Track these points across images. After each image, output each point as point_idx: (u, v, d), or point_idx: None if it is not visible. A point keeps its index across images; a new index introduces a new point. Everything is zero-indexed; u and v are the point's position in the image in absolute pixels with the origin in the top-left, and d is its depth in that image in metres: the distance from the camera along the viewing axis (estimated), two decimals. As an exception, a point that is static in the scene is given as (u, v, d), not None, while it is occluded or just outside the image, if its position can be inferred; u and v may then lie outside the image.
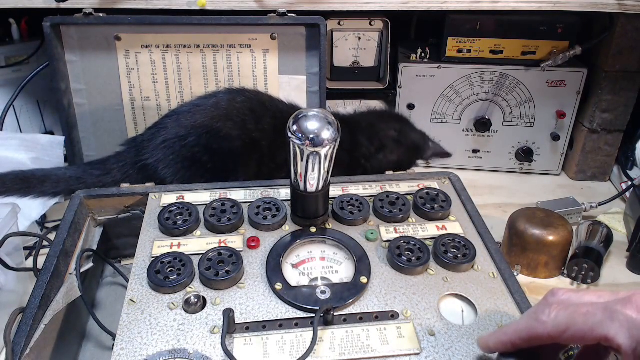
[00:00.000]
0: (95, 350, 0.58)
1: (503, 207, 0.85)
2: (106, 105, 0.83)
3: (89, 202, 0.63)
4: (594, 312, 0.33)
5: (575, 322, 0.34)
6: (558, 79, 0.86)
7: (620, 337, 0.31)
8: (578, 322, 0.34)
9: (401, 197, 0.60)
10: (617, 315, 0.32)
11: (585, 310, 0.33)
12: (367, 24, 0.87)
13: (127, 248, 0.68)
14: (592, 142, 0.90)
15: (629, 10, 0.76)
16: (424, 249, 0.52)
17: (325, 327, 0.45)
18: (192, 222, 0.56)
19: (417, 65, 0.88)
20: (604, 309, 0.33)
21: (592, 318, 0.33)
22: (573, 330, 0.34)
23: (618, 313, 0.32)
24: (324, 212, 0.56)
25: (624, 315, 0.32)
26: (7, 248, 0.59)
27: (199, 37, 0.79)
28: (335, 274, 0.51)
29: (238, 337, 0.44)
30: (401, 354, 0.43)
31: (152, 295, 0.48)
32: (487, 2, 0.77)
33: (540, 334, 0.35)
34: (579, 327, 0.33)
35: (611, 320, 0.32)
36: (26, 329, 0.46)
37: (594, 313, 0.33)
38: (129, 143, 0.72)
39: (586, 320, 0.33)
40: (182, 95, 0.83)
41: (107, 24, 0.78)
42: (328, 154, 0.50)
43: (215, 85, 0.82)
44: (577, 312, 0.34)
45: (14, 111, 0.89)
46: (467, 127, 0.92)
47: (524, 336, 0.37)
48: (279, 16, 0.77)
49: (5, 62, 0.88)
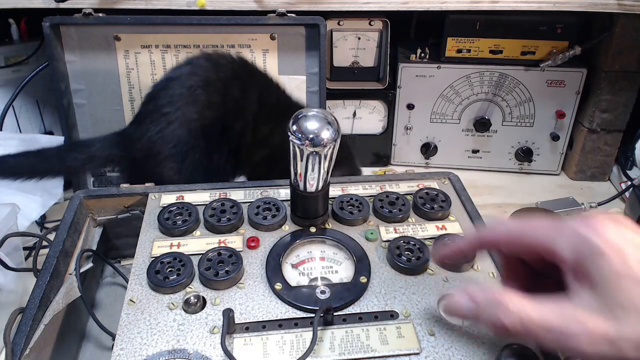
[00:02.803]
0: (95, 350, 0.58)
1: (503, 207, 0.85)
2: (106, 105, 0.83)
3: (88, 202, 0.63)
4: (545, 226, 0.33)
5: (525, 233, 0.34)
6: (557, 78, 0.87)
7: (564, 249, 0.31)
8: (528, 233, 0.34)
9: (401, 197, 0.60)
10: (565, 230, 0.32)
11: (536, 224, 0.34)
12: (367, 24, 0.87)
13: (126, 248, 0.68)
14: (591, 142, 0.90)
15: (628, 10, 0.76)
16: (423, 248, 0.52)
17: (325, 327, 0.45)
18: (191, 222, 0.56)
19: (416, 65, 0.88)
20: (554, 224, 0.33)
21: (542, 230, 0.33)
22: (523, 240, 0.34)
23: (566, 227, 0.32)
24: (323, 212, 0.56)
25: (571, 229, 0.32)
26: (7, 248, 0.59)
27: (198, 37, 0.79)
28: (335, 274, 0.51)
29: (238, 337, 0.44)
30: (401, 353, 0.43)
31: (152, 295, 0.48)
32: (486, 2, 0.77)
33: (490, 238, 0.36)
34: (528, 237, 0.34)
35: (558, 233, 0.32)
36: (26, 329, 0.46)
37: (545, 226, 0.33)
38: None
39: (536, 232, 0.34)
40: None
41: (107, 24, 0.78)
42: (328, 154, 0.50)
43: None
44: (530, 224, 0.35)
45: (14, 111, 0.89)
46: (467, 127, 0.92)
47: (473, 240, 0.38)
48: (279, 16, 0.77)
49: (4, 62, 0.88)
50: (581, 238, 0.31)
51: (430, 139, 0.94)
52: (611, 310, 0.29)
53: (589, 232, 0.31)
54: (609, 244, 0.30)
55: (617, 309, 0.29)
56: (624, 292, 0.29)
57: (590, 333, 0.29)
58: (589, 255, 0.30)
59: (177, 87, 0.67)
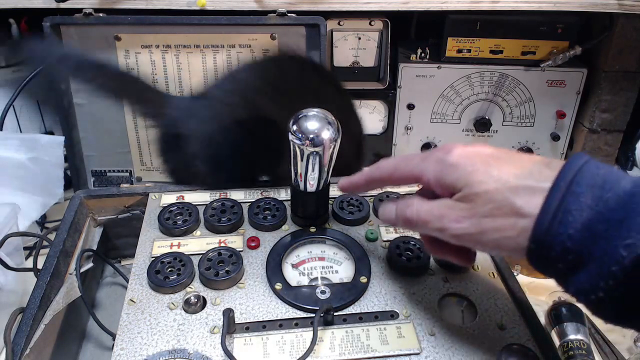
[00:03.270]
0: (95, 350, 0.58)
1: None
2: (106, 105, 0.83)
3: (88, 202, 0.63)
4: (414, 158, 0.43)
5: (399, 166, 0.44)
6: (558, 79, 0.86)
7: (429, 173, 0.40)
8: (401, 165, 0.44)
9: (401, 197, 0.60)
10: (429, 157, 0.41)
11: (408, 157, 0.43)
12: (367, 24, 0.86)
13: (127, 248, 0.68)
14: (592, 142, 0.90)
15: (629, 10, 0.76)
16: (423, 249, 0.52)
17: (325, 327, 0.45)
18: (192, 222, 0.56)
19: (417, 65, 0.88)
20: (422, 156, 0.42)
21: (411, 162, 0.43)
22: (398, 173, 0.44)
23: (430, 155, 0.41)
24: (324, 212, 0.56)
25: (433, 156, 0.41)
26: (7, 248, 0.59)
27: (198, 37, 0.79)
28: (335, 274, 0.51)
29: (238, 337, 0.44)
30: (401, 353, 0.43)
31: (152, 295, 0.48)
32: (487, 2, 0.77)
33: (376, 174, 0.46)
34: (402, 169, 0.44)
35: (424, 161, 0.42)
36: (26, 329, 0.46)
37: (414, 158, 0.43)
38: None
39: (407, 164, 0.43)
40: (182, 95, 0.83)
41: (107, 24, 0.78)
42: (328, 154, 0.50)
43: (215, 85, 0.82)
44: (403, 159, 0.44)
45: (14, 111, 0.89)
46: (467, 127, 0.92)
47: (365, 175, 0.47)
48: (279, 16, 0.77)
49: (4, 62, 0.88)
50: (438, 161, 0.40)
51: (430, 139, 0.94)
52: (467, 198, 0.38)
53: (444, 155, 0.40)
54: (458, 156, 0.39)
55: (471, 195, 0.37)
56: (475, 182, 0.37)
57: (456, 215, 0.38)
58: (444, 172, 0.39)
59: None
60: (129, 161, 0.87)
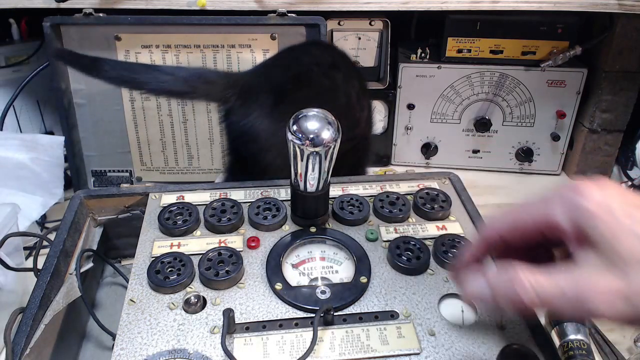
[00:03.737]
0: (95, 350, 0.58)
1: (503, 207, 0.85)
2: (106, 105, 0.83)
3: (89, 202, 0.63)
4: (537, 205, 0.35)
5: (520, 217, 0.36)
6: (558, 79, 0.86)
7: (561, 220, 0.32)
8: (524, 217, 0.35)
9: (401, 197, 0.60)
10: (555, 201, 0.33)
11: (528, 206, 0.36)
12: (367, 24, 0.86)
13: (127, 248, 0.68)
14: (592, 142, 0.90)
15: (629, 10, 0.76)
16: (423, 249, 0.52)
17: (325, 327, 0.45)
18: (192, 222, 0.56)
19: (417, 65, 0.88)
20: (544, 200, 0.34)
21: (535, 210, 0.35)
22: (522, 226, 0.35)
23: (556, 199, 0.33)
24: (324, 212, 0.56)
25: (560, 199, 0.33)
26: (7, 248, 0.59)
27: (199, 37, 0.79)
28: (335, 274, 0.51)
29: (238, 337, 0.44)
30: (401, 354, 0.43)
31: (152, 295, 0.48)
32: (487, 2, 0.77)
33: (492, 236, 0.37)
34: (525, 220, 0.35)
35: (550, 207, 0.33)
36: (26, 329, 0.46)
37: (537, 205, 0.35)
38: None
39: (528, 209, 0.35)
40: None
41: (107, 24, 0.78)
42: (328, 154, 0.50)
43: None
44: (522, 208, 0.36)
45: (14, 111, 0.89)
46: (467, 127, 0.92)
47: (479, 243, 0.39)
48: (279, 16, 0.77)
49: (5, 62, 0.88)
50: (571, 205, 0.32)
51: (430, 139, 0.94)
52: (616, 266, 0.29)
53: (576, 197, 0.32)
54: (596, 204, 0.31)
55: (621, 263, 0.29)
56: (623, 246, 0.29)
57: (602, 292, 0.29)
58: (582, 218, 0.31)
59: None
60: (129, 161, 0.87)
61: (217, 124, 0.84)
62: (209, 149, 0.87)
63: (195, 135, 0.85)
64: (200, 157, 0.87)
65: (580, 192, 0.32)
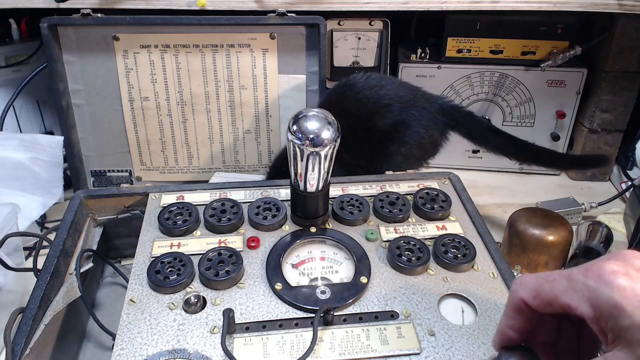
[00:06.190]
0: (95, 350, 0.58)
1: (503, 207, 0.85)
2: (105, 105, 0.83)
3: (88, 202, 0.63)
4: (560, 280, 0.33)
5: (543, 288, 0.34)
6: (558, 79, 0.86)
7: (582, 306, 0.31)
8: (545, 289, 0.34)
9: (401, 197, 0.60)
10: (577, 285, 0.32)
11: (552, 278, 0.34)
12: (367, 24, 0.86)
13: (127, 248, 0.68)
14: (592, 142, 0.90)
15: (629, 10, 0.76)
16: (423, 249, 0.52)
17: (325, 327, 0.45)
18: (192, 222, 0.56)
19: (417, 65, 0.88)
20: (568, 278, 0.33)
21: (557, 285, 0.33)
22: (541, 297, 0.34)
23: (578, 282, 0.32)
24: (323, 212, 0.56)
25: (583, 284, 0.31)
26: (7, 248, 0.59)
27: (198, 37, 0.79)
28: (335, 274, 0.51)
29: (238, 337, 0.44)
30: (401, 354, 0.43)
31: (152, 295, 0.48)
32: (487, 2, 0.77)
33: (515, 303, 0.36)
34: (546, 293, 0.34)
35: (573, 290, 0.32)
36: (26, 329, 0.46)
37: (559, 281, 0.33)
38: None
39: (552, 288, 0.33)
40: (182, 95, 0.83)
41: (105, 24, 0.78)
42: (328, 154, 0.50)
43: (214, 85, 0.82)
44: (546, 279, 0.34)
45: (14, 111, 0.89)
46: (467, 127, 0.92)
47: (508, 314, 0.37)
48: (279, 16, 0.77)
49: (5, 62, 0.88)
50: (594, 293, 0.31)
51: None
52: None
53: (600, 284, 0.30)
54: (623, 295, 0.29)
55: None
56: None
57: None
58: (606, 310, 0.30)
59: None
60: (128, 161, 0.87)
61: (216, 124, 0.84)
62: (209, 148, 0.87)
63: (194, 135, 0.85)
64: (200, 157, 0.87)
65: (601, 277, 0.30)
